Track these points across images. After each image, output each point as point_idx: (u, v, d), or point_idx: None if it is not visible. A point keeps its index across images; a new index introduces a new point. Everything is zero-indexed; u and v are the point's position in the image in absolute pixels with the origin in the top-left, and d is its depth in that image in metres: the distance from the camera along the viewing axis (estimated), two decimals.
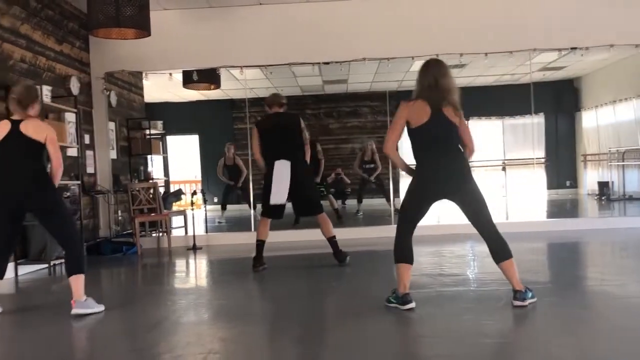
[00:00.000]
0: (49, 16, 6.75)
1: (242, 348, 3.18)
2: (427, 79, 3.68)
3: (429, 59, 3.89)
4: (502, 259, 3.64)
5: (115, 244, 7.20)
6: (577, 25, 7.50)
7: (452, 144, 3.68)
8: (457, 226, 7.98)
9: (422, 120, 3.61)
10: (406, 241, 3.72)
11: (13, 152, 3.99)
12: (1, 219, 4.04)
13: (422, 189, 3.69)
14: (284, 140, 5.43)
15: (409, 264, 3.71)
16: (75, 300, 3.92)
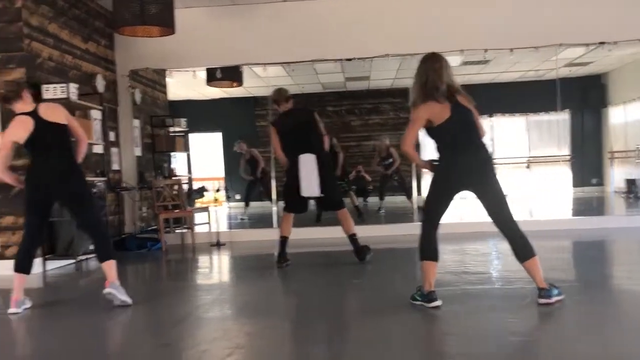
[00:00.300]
0: (75, 15, 6.84)
1: (267, 343, 3.20)
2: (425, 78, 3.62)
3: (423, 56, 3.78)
4: (525, 258, 3.60)
5: (140, 240, 7.28)
6: (605, 19, 7.37)
7: (473, 137, 3.65)
8: (480, 224, 7.92)
9: (444, 117, 3.58)
10: (431, 238, 3.70)
11: (43, 141, 4.02)
12: (30, 212, 4.11)
13: (444, 182, 3.67)
14: (304, 137, 5.44)
15: (435, 262, 3.69)
16: (110, 282, 3.98)
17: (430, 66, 3.63)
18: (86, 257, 6.21)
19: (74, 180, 4.07)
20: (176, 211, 7.68)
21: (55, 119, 4.04)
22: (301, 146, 5.41)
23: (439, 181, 3.70)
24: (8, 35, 5.77)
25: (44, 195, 4.05)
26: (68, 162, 4.08)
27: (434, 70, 3.60)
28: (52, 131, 4.03)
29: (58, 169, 4.03)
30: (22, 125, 4.00)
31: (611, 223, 7.61)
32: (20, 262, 4.12)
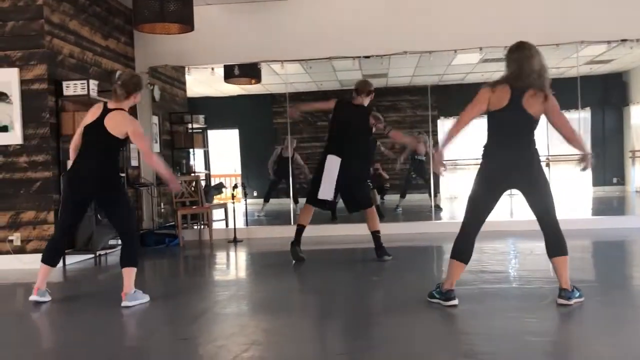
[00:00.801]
0: (96, 12, 6.91)
1: (284, 339, 3.21)
2: (511, 66, 3.56)
3: (514, 43, 3.70)
4: (557, 255, 3.57)
5: (158, 236, 7.34)
6: (626, 16, 7.25)
7: (524, 134, 3.57)
8: (498, 223, 7.87)
9: (501, 104, 3.51)
10: (470, 239, 3.62)
11: (90, 142, 4.05)
12: (66, 206, 4.17)
13: (490, 178, 3.58)
14: (350, 137, 5.37)
15: (464, 264, 3.64)
16: (126, 294, 4.00)
17: (522, 55, 3.55)
18: (105, 252, 6.28)
19: (105, 188, 4.07)
20: (194, 207, 7.73)
21: (110, 129, 3.97)
22: (339, 146, 5.36)
23: (484, 176, 3.59)
24: (30, 32, 5.85)
25: (79, 194, 4.09)
26: (104, 168, 4.06)
27: (526, 58, 3.52)
28: (101, 136, 3.99)
29: (93, 173, 4.03)
30: (94, 110, 4.06)
31: (632, 223, 7.50)
32: (47, 254, 4.18)
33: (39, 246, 5.86)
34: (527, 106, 3.51)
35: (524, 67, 3.50)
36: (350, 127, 5.40)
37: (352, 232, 7.50)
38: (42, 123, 5.88)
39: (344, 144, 5.37)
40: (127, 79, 4.10)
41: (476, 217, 3.62)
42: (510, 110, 3.50)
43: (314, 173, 5.60)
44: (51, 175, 5.87)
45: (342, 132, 5.42)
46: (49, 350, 3.35)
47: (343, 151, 5.35)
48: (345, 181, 5.35)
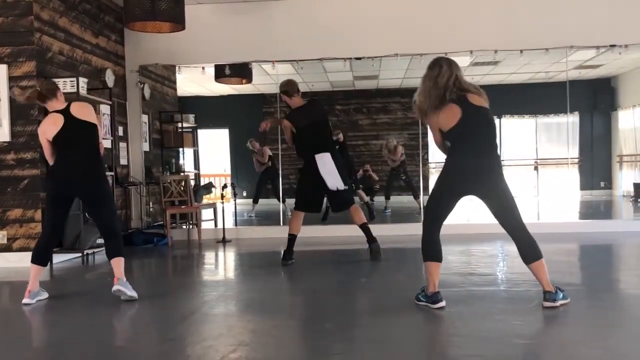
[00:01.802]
0: (86, 10, 6.87)
1: (272, 340, 3.20)
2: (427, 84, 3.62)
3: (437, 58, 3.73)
4: (532, 260, 3.57)
5: (146, 235, 7.31)
6: (616, 22, 7.33)
7: (485, 139, 3.60)
8: (487, 225, 7.90)
9: (453, 122, 3.54)
10: (433, 238, 3.68)
11: (72, 140, 4.06)
12: (52, 205, 4.16)
13: (449, 184, 3.63)
14: (319, 135, 5.44)
15: (438, 262, 3.68)
16: (118, 278, 4.03)
17: (428, 74, 3.61)
18: (93, 251, 6.24)
19: (96, 180, 4.13)
20: (183, 207, 7.71)
21: (86, 118, 4.11)
22: (317, 144, 5.39)
23: (443, 181, 3.66)
24: (19, 28, 5.80)
25: (65, 191, 4.11)
26: (92, 160, 4.14)
27: (430, 78, 3.58)
28: (81, 129, 4.09)
29: (82, 166, 4.08)
30: (52, 122, 4.08)
31: (619, 227, 7.57)
32: (37, 254, 4.17)
33: (25, 244, 5.82)
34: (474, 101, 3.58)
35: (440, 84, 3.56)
36: (314, 126, 5.41)
37: (340, 233, 7.51)
38: (30, 120, 5.83)
39: (318, 143, 5.39)
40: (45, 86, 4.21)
41: (436, 220, 3.70)
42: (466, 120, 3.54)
43: (300, 179, 5.61)
44: (39, 173, 5.83)
45: (309, 134, 5.41)
46: (35, 349, 3.32)
47: (323, 149, 5.37)
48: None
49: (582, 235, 7.19)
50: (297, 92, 5.54)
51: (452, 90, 3.55)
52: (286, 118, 5.61)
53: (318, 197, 5.55)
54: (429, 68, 3.66)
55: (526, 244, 3.60)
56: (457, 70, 3.61)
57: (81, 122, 4.08)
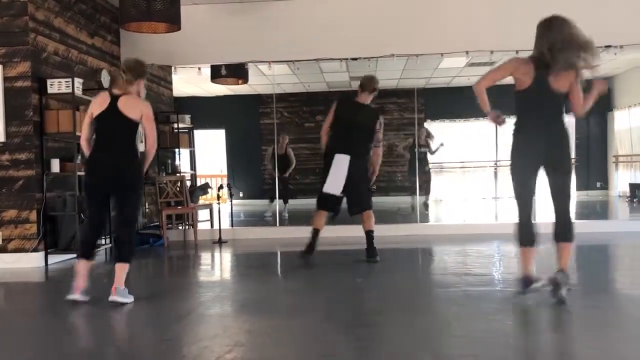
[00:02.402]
0: (81, 10, 6.85)
1: (268, 341, 3.20)
2: (540, 44, 3.63)
3: (545, 18, 3.78)
4: (563, 240, 3.64)
5: (142, 236, 7.29)
6: (611, 22, 7.33)
7: (554, 114, 3.61)
8: (483, 226, 7.92)
9: (525, 84, 3.56)
10: (527, 222, 3.69)
11: (108, 129, 3.97)
12: (88, 199, 4.08)
13: (522, 159, 3.66)
14: (355, 136, 5.31)
15: (533, 247, 3.69)
16: (116, 287, 3.95)
17: (551, 32, 3.67)
18: None
19: (126, 176, 3.99)
20: (179, 208, 7.69)
21: (127, 112, 3.94)
22: (345, 144, 5.29)
23: (517, 158, 3.67)
24: (13, 29, 5.79)
25: (105, 183, 3.99)
26: (126, 155, 3.99)
27: (558, 34, 3.65)
28: (119, 121, 3.94)
29: (114, 160, 3.95)
30: (101, 100, 3.99)
31: (615, 227, 7.59)
32: (83, 249, 4.10)
33: (20, 245, 5.80)
34: (554, 82, 3.56)
35: (554, 45, 3.60)
36: (354, 125, 5.32)
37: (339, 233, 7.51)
38: (25, 121, 5.81)
39: (349, 142, 5.30)
40: (132, 64, 4.05)
41: (523, 201, 3.72)
42: (536, 88, 3.55)
43: (321, 179, 5.47)
44: (34, 173, 5.81)
45: (345, 130, 5.32)
46: (31, 351, 3.31)
47: (350, 150, 5.28)
48: (351, 181, 5.29)
49: (579, 235, 7.12)
50: (370, 91, 5.44)
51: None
52: (336, 100, 5.50)
53: (336, 198, 5.42)
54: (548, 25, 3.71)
55: (564, 223, 3.66)
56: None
57: (120, 114, 3.93)
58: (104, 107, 3.96)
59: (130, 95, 4.01)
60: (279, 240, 7.45)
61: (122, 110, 3.94)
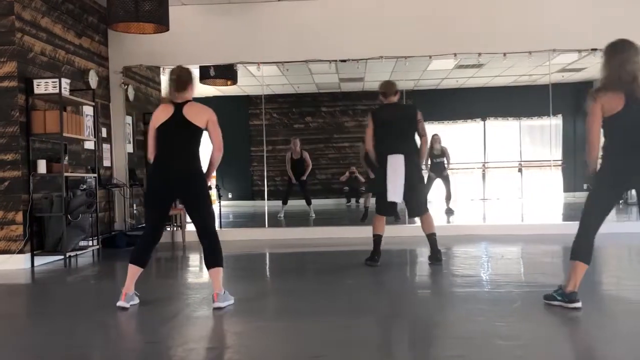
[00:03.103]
0: (69, 10, 6.81)
1: (255, 343, 3.19)
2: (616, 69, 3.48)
3: (614, 41, 3.62)
4: None
5: (130, 238, 7.25)
6: (597, 26, 7.40)
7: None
8: (470, 227, 7.96)
9: (616, 109, 3.48)
10: (589, 239, 3.61)
11: (173, 136, 3.92)
12: (149, 205, 4.04)
13: (612, 184, 3.56)
14: (400, 134, 5.24)
15: (586, 264, 3.61)
16: (217, 294, 3.89)
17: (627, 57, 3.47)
18: (75, 253, 6.18)
19: (192, 183, 3.94)
20: None
21: (193, 119, 3.91)
22: (394, 145, 5.22)
23: (607, 178, 3.56)
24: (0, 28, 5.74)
25: (168, 189, 3.94)
26: (192, 161, 3.96)
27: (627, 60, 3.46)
28: (185, 128, 3.91)
29: (179, 167, 3.91)
30: (163, 109, 3.95)
31: (601, 229, 7.62)
32: (136, 254, 4.02)
33: (6, 247, 5.75)
34: None
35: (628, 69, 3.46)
36: (397, 125, 5.25)
37: (328, 235, 7.52)
38: (11, 121, 5.76)
39: (398, 142, 5.22)
40: (181, 72, 4.01)
41: (595, 217, 3.61)
42: (627, 112, 3.46)
43: (377, 182, 5.40)
44: (20, 174, 5.76)
45: (391, 132, 5.25)
46: (13, 354, 3.28)
47: (401, 149, 5.19)
48: (408, 184, 5.19)
49: (566, 237, 7.20)
50: (394, 94, 5.40)
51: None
52: (370, 112, 5.47)
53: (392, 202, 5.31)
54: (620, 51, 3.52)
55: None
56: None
57: (186, 121, 3.90)
58: (168, 116, 3.91)
59: (193, 102, 4.00)
60: (268, 242, 7.44)
61: (187, 116, 3.90)
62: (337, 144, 13.76)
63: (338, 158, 13.71)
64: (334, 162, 13.69)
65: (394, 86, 5.44)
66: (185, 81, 3.96)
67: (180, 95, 3.95)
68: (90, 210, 6.24)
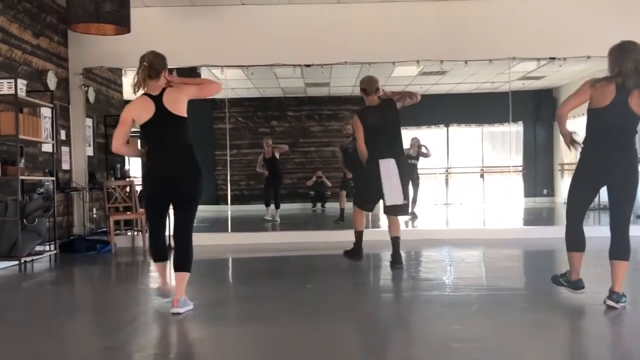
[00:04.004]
0: (26, 9, 6.64)
1: (214, 348, 3.15)
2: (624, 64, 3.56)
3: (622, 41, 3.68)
4: (618, 258, 3.65)
5: (89, 242, 7.10)
6: (555, 36, 7.60)
7: (627, 136, 3.64)
8: (433, 231, 8.05)
9: (604, 103, 3.58)
10: (578, 229, 3.76)
11: (163, 133, 3.74)
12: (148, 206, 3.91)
13: (590, 176, 3.70)
14: (388, 138, 5.25)
15: (581, 252, 3.76)
16: (178, 299, 3.77)
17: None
18: (31, 258, 6.01)
19: (193, 179, 3.79)
20: (128, 213, 7.53)
21: (175, 110, 3.73)
22: (383, 147, 5.21)
23: (584, 173, 3.72)
24: None
25: (163, 189, 3.79)
26: (190, 157, 3.80)
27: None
28: (171, 121, 3.73)
29: (180, 163, 3.76)
30: (144, 107, 3.72)
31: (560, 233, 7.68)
32: (155, 253, 3.97)
33: None
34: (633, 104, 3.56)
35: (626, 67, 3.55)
36: (384, 129, 5.24)
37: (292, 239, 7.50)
38: None
39: (386, 145, 5.23)
40: (154, 59, 3.84)
41: (578, 208, 3.78)
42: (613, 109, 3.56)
43: (364, 178, 5.41)
44: None
45: (378, 135, 5.24)
46: None
47: (391, 152, 5.21)
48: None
49: (526, 241, 7.39)
50: (376, 92, 5.35)
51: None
52: (356, 114, 5.43)
53: (375, 198, 5.38)
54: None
55: (621, 241, 3.66)
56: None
57: (172, 116, 3.71)
58: (151, 113, 3.71)
59: (169, 89, 3.79)
60: (232, 247, 7.37)
61: (171, 110, 3.72)
62: (303, 148, 13.76)
63: (304, 162, 13.70)
64: (300, 166, 13.68)
65: (374, 83, 5.39)
66: (159, 69, 3.79)
67: (153, 83, 3.76)
68: (47, 214, 6.08)
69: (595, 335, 3.29)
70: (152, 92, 3.77)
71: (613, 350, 3.07)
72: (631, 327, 3.43)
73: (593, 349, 3.08)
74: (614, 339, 3.29)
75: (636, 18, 7.43)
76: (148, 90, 3.78)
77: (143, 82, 3.77)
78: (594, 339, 3.24)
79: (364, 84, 5.41)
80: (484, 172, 12.77)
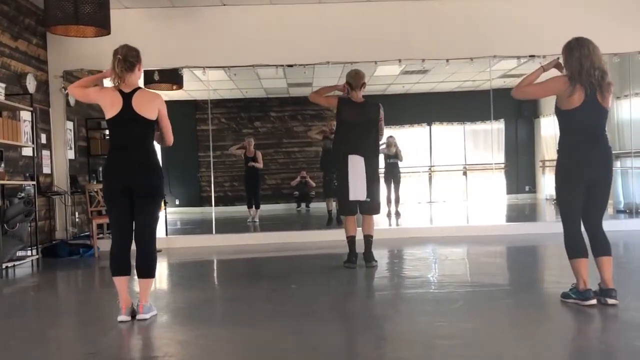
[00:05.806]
0: (3, 11, 6.55)
1: (199, 351, 3.14)
2: (573, 63, 3.59)
3: (572, 39, 3.68)
4: (605, 254, 3.65)
5: (72, 246, 7.03)
6: (535, 34, 7.68)
7: (602, 133, 3.66)
8: (417, 229, 8.09)
9: (575, 104, 3.58)
10: (576, 235, 3.68)
11: (126, 131, 3.66)
12: (116, 207, 3.71)
13: (574, 170, 3.66)
14: (361, 135, 5.24)
15: (585, 258, 3.65)
16: (143, 305, 3.71)
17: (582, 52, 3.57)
18: (13, 264, 5.94)
19: (149, 181, 3.71)
20: None
21: (144, 113, 3.65)
22: (354, 144, 5.22)
23: (569, 174, 3.68)
24: None
25: (122, 182, 3.67)
26: (148, 158, 3.72)
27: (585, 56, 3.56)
28: (136, 122, 3.64)
29: (135, 165, 3.67)
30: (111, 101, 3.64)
31: (542, 229, 7.90)
32: (115, 265, 3.76)
33: None
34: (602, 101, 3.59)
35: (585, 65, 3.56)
36: (359, 127, 5.24)
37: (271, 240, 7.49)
38: None
39: (358, 143, 5.23)
40: (127, 52, 3.76)
41: (571, 213, 3.70)
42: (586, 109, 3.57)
43: (338, 184, 5.44)
44: None
45: (352, 132, 5.25)
46: None
47: (361, 150, 5.22)
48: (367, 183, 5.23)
49: (508, 237, 7.45)
50: (360, 88, 5.33)
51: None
52: (339, 99, 5.38)
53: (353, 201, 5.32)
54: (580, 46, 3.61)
55: (600, 238, 3.66)
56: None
57: (137, 116, 3.63)
58: (118, 109, 3.64)
59: (142, 90, 3.73)
60: (215, 249, 7.35)
61: (138, 110, 3.64)
62: (286, 148, 13.77)
63: (288, 163, 13.71)
64: (284, 167, 13.68)
65: (360, 78, 5.38)
66: (132, 62, 3.72)
67: (127, 77, 3.69)
68: (28, 219, 6.01)
69: (579, 330, 3.34)
70: (124, 89, 3.70)
71: (597, 345, 3.11)
72: (615, 321, 3.48)
73: (577, 343, 3.12)
74: (599, 334, 3.34)
75: (615, 16, 7.56)
76: (122, 86, 3.71)
77: (121, 75, 3.70)
78: (577, 333, 3.28)
79: (349, 78, 5.42)
80: (466, 170, 12.87)
